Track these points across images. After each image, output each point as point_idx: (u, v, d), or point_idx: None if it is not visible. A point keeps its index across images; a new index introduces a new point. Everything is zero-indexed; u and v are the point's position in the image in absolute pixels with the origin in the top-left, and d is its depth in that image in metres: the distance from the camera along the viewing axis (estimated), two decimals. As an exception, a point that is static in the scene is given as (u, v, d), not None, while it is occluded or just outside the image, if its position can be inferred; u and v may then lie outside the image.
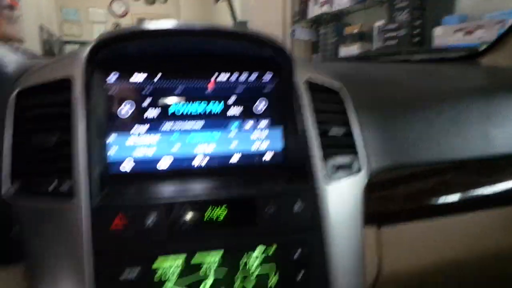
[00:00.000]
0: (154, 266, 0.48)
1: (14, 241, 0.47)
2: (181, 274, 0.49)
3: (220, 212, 0.50)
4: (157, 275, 0.48)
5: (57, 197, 0.46)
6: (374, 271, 0.63)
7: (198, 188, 0.53)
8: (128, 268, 0.47)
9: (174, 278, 0.49)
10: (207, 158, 0.57)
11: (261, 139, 0.59)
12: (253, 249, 0.51)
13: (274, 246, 0.52)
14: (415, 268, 0.67)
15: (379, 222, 0.63)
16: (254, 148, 0.59)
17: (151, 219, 0.48)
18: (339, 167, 0.57)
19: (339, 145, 0.58)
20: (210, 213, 0.50)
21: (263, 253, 0.51)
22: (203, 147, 0.57)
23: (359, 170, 0.59)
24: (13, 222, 0.47)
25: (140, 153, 0.55)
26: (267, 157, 0.59)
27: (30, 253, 0.47)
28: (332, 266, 0.54)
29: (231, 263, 0.51)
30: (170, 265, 0.48)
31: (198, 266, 0.50)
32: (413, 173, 0.67)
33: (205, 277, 0.50)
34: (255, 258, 0.51)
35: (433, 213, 0.67)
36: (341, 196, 0.56)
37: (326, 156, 0.56)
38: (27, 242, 0.47)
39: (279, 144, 0.60)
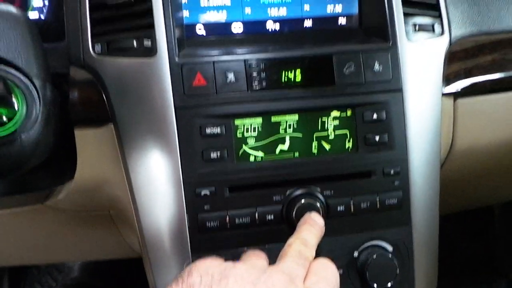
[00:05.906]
0: (236, 122, 0.49)
1: (102, 104, 0.49)
2: (261, 132, 0.50)
3: (297, 72, 0.50)
4: (239, 131, 0.49)
5: (142, 53, 0.47)
6: (448, 144, 0.62)
7: (273, 48, 0.51)
8: (211, 125, 0.48)
9: (255, 135, 0.50)
10: (280, 22, 0.55)
11: (334, 2, 0.55)
12: (331, 110, 0.51)
13: (353, 107, 0.51)
14: (489, 143, 0.65)
15: (456, 94, 0.60)
16: (327, 11, 0.55)
17: (231, 75, 0.48)
18: (420, 28, 0.54)
19: (421, 3, 0.54)
20: (287, 73, 0.50)
21: (341, 113, 0.51)
22: (275, 11, 0.54)
23: (441, 33, 0.55)
24: (99, 86, 0.48)
25: (213, 16, 0.53)
26: (342, 21, 0.56)
27: (117, 113, 0.48)
28: (410, 130, 0.53)
29: (309, 123, 0.51)
30: (250, 123, 0.49)
31: (278, 125, 0.50)
32: (497, 42, 0.62)
33: (284, 135, 0.50)
34: (333, 119, 0.51)
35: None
36: (422, 58, 0.53)
37: (407, 14, 0.52)
38: (114, 103, 0.48)
39: (354, 7, 0.56)
